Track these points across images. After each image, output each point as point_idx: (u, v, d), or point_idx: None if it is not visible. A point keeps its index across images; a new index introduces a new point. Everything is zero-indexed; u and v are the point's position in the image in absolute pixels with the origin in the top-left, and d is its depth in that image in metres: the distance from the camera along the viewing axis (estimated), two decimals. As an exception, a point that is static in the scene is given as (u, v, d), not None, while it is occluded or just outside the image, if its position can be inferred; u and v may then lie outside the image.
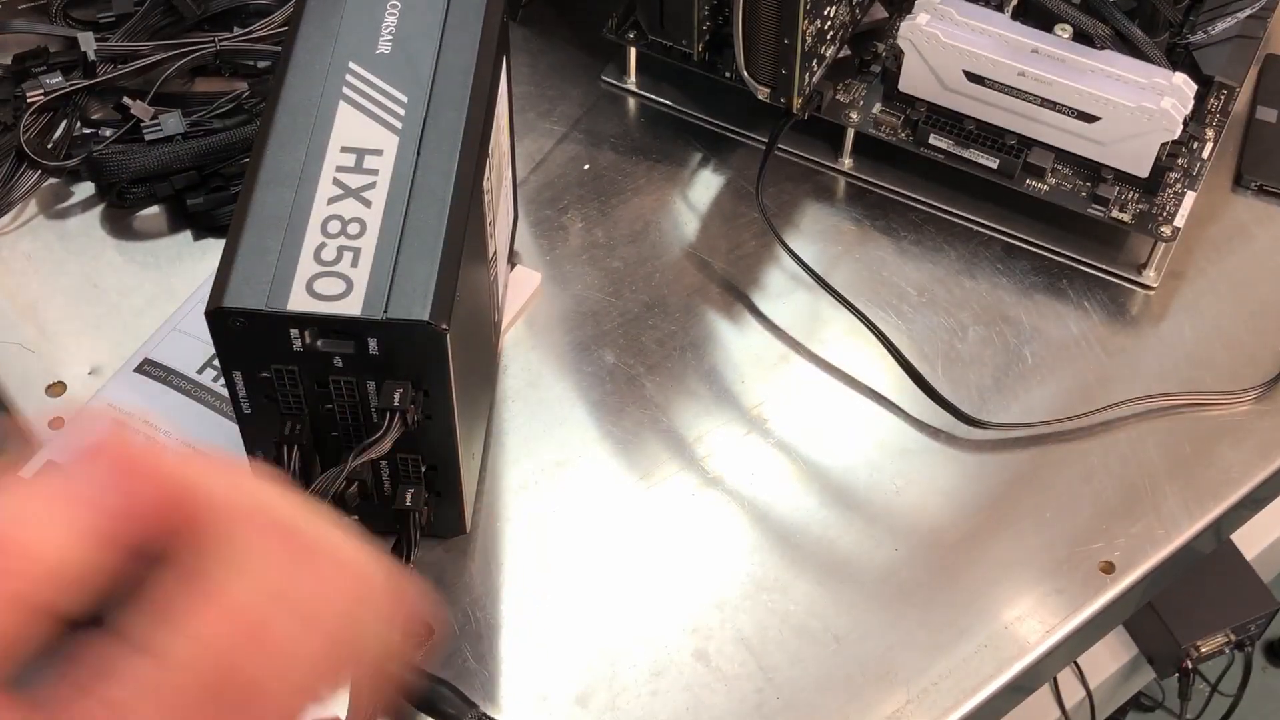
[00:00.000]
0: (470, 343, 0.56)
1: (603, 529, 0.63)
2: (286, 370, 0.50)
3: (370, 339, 0.49)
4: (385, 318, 0.48)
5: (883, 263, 0.72)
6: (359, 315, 0.48)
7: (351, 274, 0.49)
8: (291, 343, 0.49)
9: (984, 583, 0.61)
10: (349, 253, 0.49)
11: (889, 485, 0.64)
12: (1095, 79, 0.66)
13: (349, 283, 0.48)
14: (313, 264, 0.49)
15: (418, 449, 0.54)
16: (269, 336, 0.49)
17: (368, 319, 0.48)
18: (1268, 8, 0.73)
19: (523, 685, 0.58)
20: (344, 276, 0.48)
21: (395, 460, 0.54)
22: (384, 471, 0.55)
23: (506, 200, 0.64)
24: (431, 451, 0.54)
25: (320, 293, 0.48)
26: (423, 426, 0.52)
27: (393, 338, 0.49)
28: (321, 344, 0.49)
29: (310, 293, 0.48)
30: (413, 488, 0.55)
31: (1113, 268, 0.71)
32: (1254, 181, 0.75)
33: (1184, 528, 0.63)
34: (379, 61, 0.55)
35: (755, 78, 0.71)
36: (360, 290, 0.48)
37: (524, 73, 0.80)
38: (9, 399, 0.68)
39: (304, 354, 0.50)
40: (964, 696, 0.58)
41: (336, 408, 0.51)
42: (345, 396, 0.51)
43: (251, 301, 0.49)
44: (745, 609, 0.60)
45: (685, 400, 0.67)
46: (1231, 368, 0.68)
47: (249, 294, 0.49)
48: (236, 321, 0.49)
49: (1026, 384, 0.67)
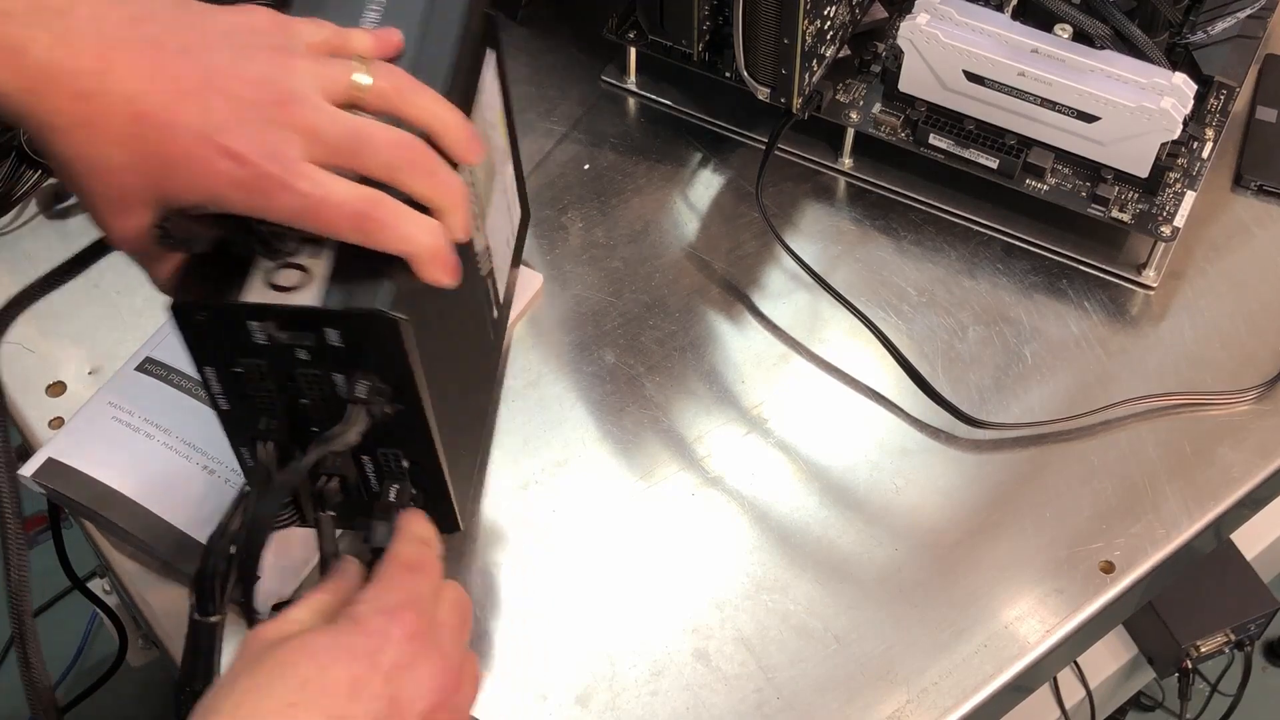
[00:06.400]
0: (448, 336, 0.55)
1: (603, 529, 0.63)
2: (255, 365, 0.50)
3: (329, 330, 0.48)
4: (341, 307, 0.48)
5: (883, 263, 0.72)
6: (315, 305, 0.48)
7: (311, 265, 0.48)
8: (253, 335, 0.49)
9: (984, 582, 0.61)
10: (310, 244, 0.49)
11: (889, 485, 0.64)
12: (1095, 79, 0.66)
13: (308, 275, 0.48)
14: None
15: (396, 444, 0.53)
16: (231, 330, 0.49)
17: (323, 309, 0.48)
18: (1268, 8, 0.73)
19: (523, 685, 0.58)
20: (303, 268, 0.48)
21: (377, 456, 0.54)
22: (368, 468, 0.55)
23: (505, 196, 0.63)
24: (411, 446, 0.54)
25: (278, 284, 0.48)
26: (397, 420, 0.51)
27: (351, 329, 0.48)
28: (284, 336, 0.49)
29: (269, 284, 0.48)
30: (397, 484, 0.54)
31: (1113, 268, 0.71)
32: (1254, 181, 0.75)
33: (1184, 528, 0.63)
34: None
35: (755, 78, 0.71)
36: (318, 281, 0.48)
37: (524, 73, 0.80)
38: (9, 399, 0.68)
39: (268, 347, 0.49)
40: (964, 696, 0.58)
41: (310, 402, 0.51)
42: (315, 390, 0.51)
43: (210, 296, 0.48)
44: (745, 609, 0.60)
45: (685, 400, 0.67)
46: (1231, 368, 0.68)
47: (210, 290, 0.49)
48: (198, 316, 0.49)
49: (1026, 384, 0.67)
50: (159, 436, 0.61)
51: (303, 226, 0.47)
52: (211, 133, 0.45)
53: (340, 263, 0.49)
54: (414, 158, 0.48)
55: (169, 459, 0.61)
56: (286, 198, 0.46)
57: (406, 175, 0.48)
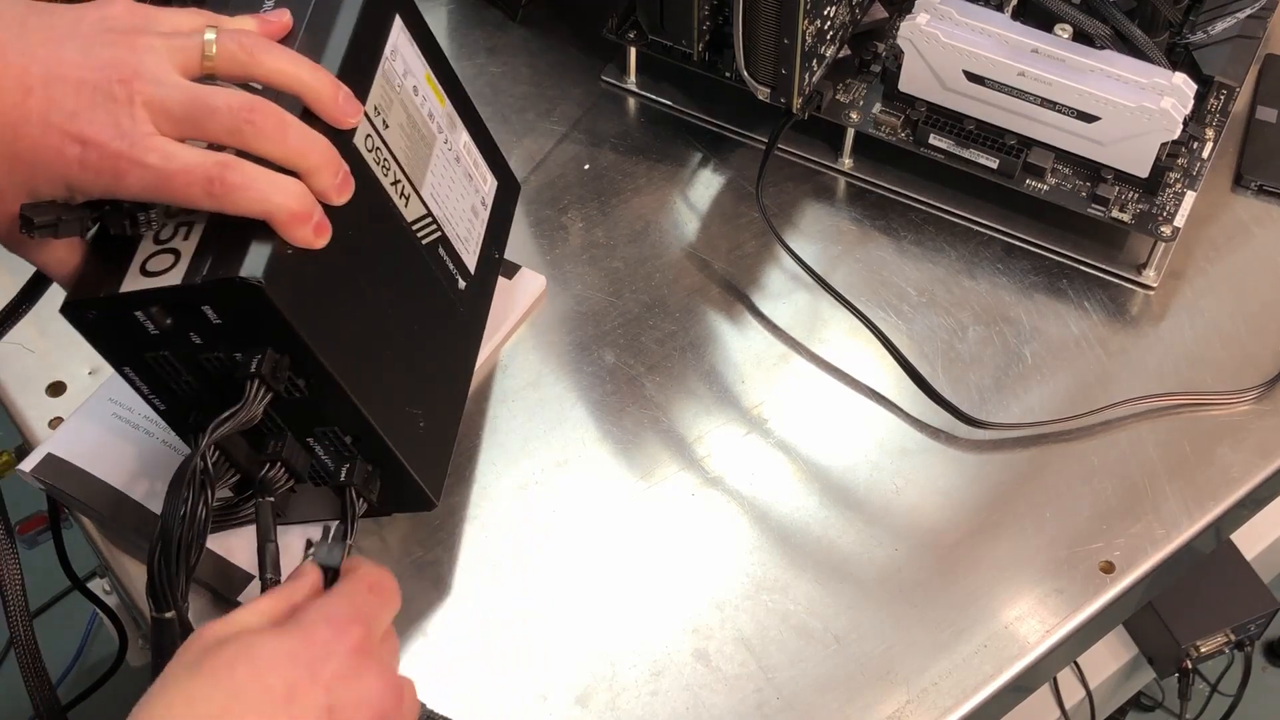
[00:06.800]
0: (368, 304, 0.54)
1: (603, 529, 0.63)
2: (160, 356, 0.50)
3: (204, 307, 0.48)
4: (200, 280, 0.47)
5: (883, 263, 0.72)
6: (178, 284, 0.47)
7: (182, 247, 0.48)
8: (144, 326, 0.49)
9: (984, 582, 0.61)
10: (183, 228, 0.49)
11: (889, 485, 0.64)
12: (1095, 79, 0.66)
13: (177, 255, 0.48)
14: (151, 245, 0.49)
15: (330, 420, 0.53)
16: (121, 323, 0.49)
17: (185, 285, 0.47)
18: (1268, 8, 0.73)
19: (523, 685, 0.58)
20: (174, 250, 0.48)
21: (318, 435, 0.53)
22: (318, 450, 0.54)
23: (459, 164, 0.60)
24: (344, 421, 0.53)
25: (151, 270, 0.48)
26: (319, 393, 0.51)
27: (221, 302, 0.48)
28: (169, 322, 0.49)
29: (143, 272, 0.48)
30: (348, 463, 0.54)
31: (1113, 268, 0.71)
32: (1254, 181, 0.75)
33: (1184, 528, 0.63)
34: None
35: (755, 78, 0.71)
36: (185, 261, 0.48)
37: (524, 73, 0.80)
38: (9, 399, 0.68)
39: (163, 336, 0.49)
40: (964, 696, 0.58)
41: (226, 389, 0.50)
42: (224, 374, 0.50)
43: (90, 291, 0.48)
44: (745, 609, 0.60)
45: (685, 400, 0.67)
46: (1231, 368, 0.68)
47: (92, 285, 0.49)
48: (88, 314, 0.49)
49: (1026, 384, 0.67)
50: (159, 434, 0.61)
51: (158, 200, 0.47)
52: (58, 121, 0.45)
53: (206, 238, 0.48)
54: (257, 120, 0.47)
55: (169, 457, 0.61)
56: (137, 173, 0.46)
57: (252, 137, 0.47)
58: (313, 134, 0.49)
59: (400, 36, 0.57)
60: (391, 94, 0.56)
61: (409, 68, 0.58)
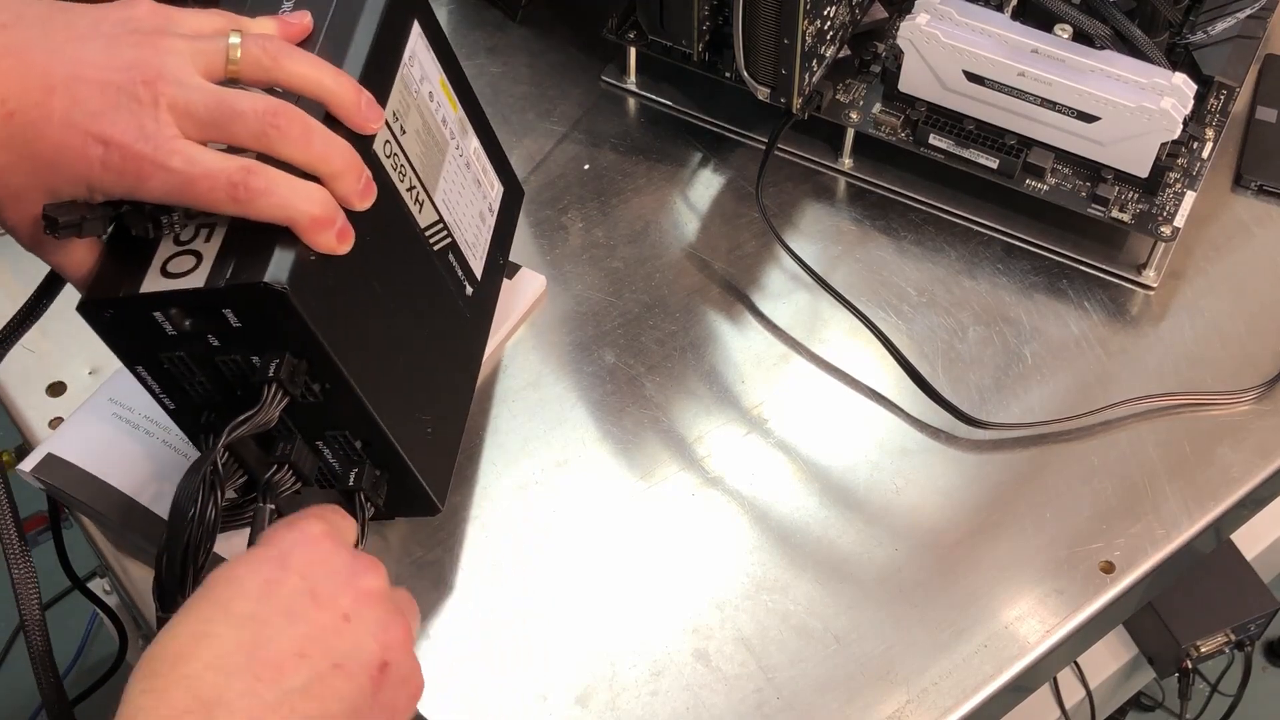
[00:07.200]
0: (384, 309, 0.54)
1: (603, 529, 0.63)
2: (176, 357, 0.50)
3: (225, 310, 0.48)
4: (224, 284, 0.47)
5: (883, 263, 0.72)
6: (200, 287, 0.47)
7: (203, 249, 0.48)
8: (162, 326, 0.49)
9: (984, 582, 0.61)
10: (204, 230, 0.48)
11: (889, 485, 0.64)
12: (1095, 79, 0.66)
13: (199, 258, 0.48)
14: (171, 246, 0.49)
15: (341, 424, 0.53)
16: (139, 323, 0.49)
17: (208, 288, 0.47)
18: (1268, 8, 0.73)
19: (523, 685, 0.58)
20: (196, 253, 0.48)
21: (328, 439, 0.53)
22: (327, 454, 0.54)
23: (469, 170, 0.60)
24: (355, 426, 0.53)
25: (171, 271, 0.48)
26: (333, 398, 0.51)
27: (243, 306, 0.48)
28: (188, 324, 0.49)
29: (164, 273, 0.48)
30: (357, 467, 0.54)
31: (1113, 268, 0.71)
32: (1254, 181, 0.75)
33: (1184, 528, 0.63)
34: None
35: (755, 78, 0.71)
36: (208, 263, 0.48)
37: (524, 73, 0.80)
38: (9, 399, 0.68)
39: (180, 336, 0.49)
40: (964, 696, 0.58)
41: (242, 391, 0.50)
42: (240, 376, 0.50)
43: (109, 290, 0.48)
44: (745, 609, 0.60)
45: (685, 400, 0.67)
46: (1231, 368, 0.68)
47: (111, 284, 0.49)
48: (105, 313, 0.49)
49: (1026, 384, 0.67)
50: (159, 434, 0.61)
51: (181, 203, 0.47)
52: (81, 121, 0.45)
53: (229, 241, 0.48)
54: (283, 124, 0.47)
55: (169, 456, 0.61)
56: (161, 176, 0.46)
57: (276, 142, 0.47)
58: (336, 139, 0.49)
59: (418, 42, 0.57)
60: (409, 100, 0.56)
61: (425, 73, 0.58)
